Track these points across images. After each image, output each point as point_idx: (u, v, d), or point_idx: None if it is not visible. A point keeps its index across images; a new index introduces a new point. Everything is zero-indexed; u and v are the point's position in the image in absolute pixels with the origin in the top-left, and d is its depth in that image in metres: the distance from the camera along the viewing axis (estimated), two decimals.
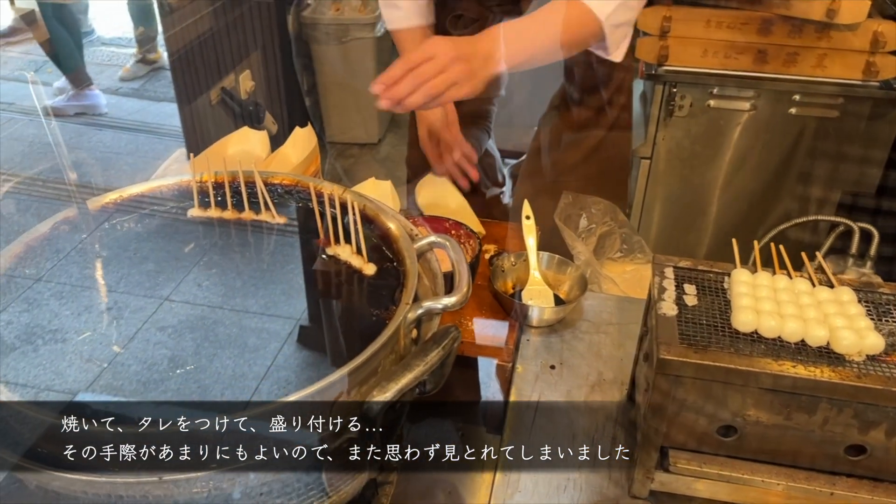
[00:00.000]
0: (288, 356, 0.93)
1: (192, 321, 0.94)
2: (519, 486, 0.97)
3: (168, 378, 0.86)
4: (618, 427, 1.04)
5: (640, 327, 1.02)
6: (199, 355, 0.91)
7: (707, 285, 0.93)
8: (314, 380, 0.87)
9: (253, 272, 1.03)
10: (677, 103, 2.11)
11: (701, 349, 0.82)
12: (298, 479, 0.74)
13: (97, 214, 0.98)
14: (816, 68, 2.00)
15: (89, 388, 0.84)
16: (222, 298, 0.99)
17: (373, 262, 0.93)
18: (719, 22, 1.99)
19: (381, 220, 0.96)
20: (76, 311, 0.91)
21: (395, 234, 0.93)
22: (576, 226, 1.37)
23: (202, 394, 0.86)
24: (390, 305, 0.86)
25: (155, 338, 0.91)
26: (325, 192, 0.99)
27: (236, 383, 0.86)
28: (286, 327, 0.98)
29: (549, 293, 1.24)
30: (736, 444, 0.86)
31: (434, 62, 1.10)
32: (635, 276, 1.40)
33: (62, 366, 0.84)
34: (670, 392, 0.84)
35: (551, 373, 1.13)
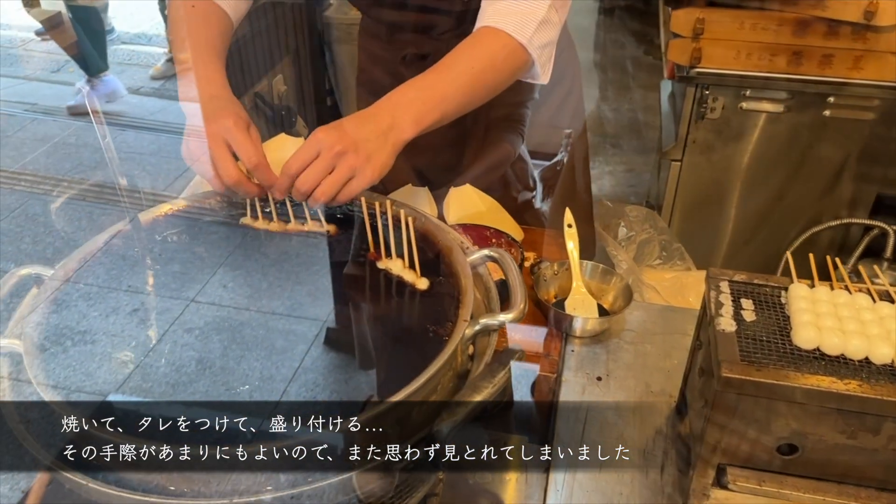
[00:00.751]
0: (315, 358, 0.93)
1: (218, 322, 0.95)
2: (572, 500, 0.96)
3: (196, 380, 0.86)
4: (668, 440, 1.03)
5: (692, 340, 1.01)
6: (227, 357, 0.91)
7: (764, 300, 0.92)
8: (342, 382, 0.87)
9: (278, 274, 1.03)
10: (709, 105, 2.09)
11: (763, 367, 0.81)
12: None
13: (149, 228, 0.98)
14: (852, 70, 1.98)
15: (119, 390, 0.84)
16: (248, 300, 1.00)
17: (425, 276, 0.93)
18: (754, 24, 1.97)
19: (434, 234, 0.95)
20: (104, 312, 0.92)
21: (448, 249, 0.92)
22: (615, 234, 1.36)
23: (230, 396, 0.86)
24: (446, 322, 0.85)
25: (182, 339, 0.92)
26: (375, 205, 0.99)
27: (264, 385, 0.87)
28: (313, 329, 0.98)
29: (592, 303, 1.24)
30: (797, 462, 0.85)
31: (319, 161, 0.98)
32: (676, 283, 1.39)
33: (91, 367, 0.85)
34: (731, 410, 0.83)
35: (598, 384, 1.12)
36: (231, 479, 0.72)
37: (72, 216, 3.24)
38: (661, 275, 1.40)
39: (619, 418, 1.07)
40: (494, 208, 1.44)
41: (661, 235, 1.40)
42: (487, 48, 1.13)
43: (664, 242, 1.41)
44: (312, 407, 0.81)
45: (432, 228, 0.96)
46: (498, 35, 1.13)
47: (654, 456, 1.01)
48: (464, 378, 0.83)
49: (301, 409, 0.81)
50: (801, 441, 0.84)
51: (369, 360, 0.93)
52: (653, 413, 1.08)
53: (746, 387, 0.81)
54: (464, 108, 1.14)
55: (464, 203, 1.45)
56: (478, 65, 1.11)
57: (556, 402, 1.09)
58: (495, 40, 1.13)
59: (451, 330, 0.83)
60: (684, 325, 1.23)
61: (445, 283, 0.91)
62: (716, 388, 0.82)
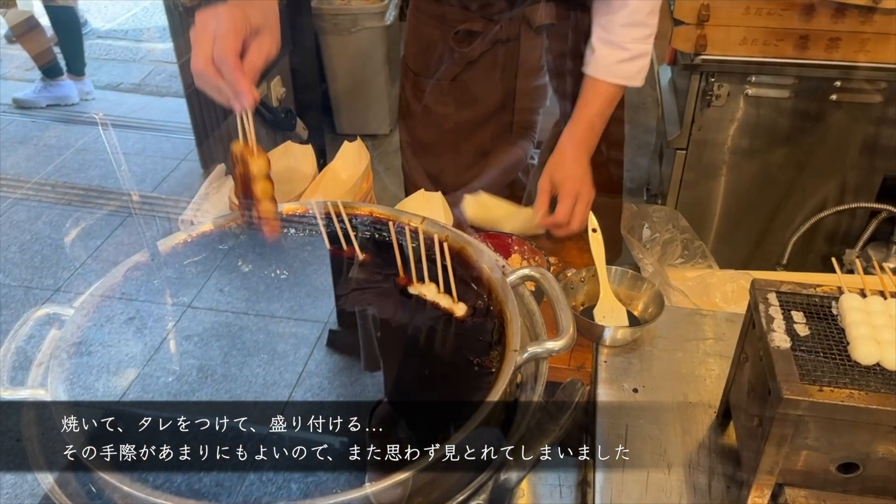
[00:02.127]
0: (319, 361, 0.89)
1: (217, 328, 0.91)
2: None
3: (198, 389, 0.83)
4: (712, 454, 1.01)
5: (737, 351, 0.98)
6: (228, 364, 0.88)
7: (814, 311, 0.89)
8: (347, 385, 0.85)
9: (275, 275, 1.00)
10: (714, 93, 2.06)
11: (825, 386, 0.78)
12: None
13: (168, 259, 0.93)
14: (859, 53, 1.95)
15: (119, 403, 0.80)
16: (246, 304, 0.97)
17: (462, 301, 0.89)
18: (759, 8, 1.93)
19: (469, 254, 0.91)
20: (99, 322, 0.88)
21: (487, 271, 0.88)
22: (639, 236, 1.33)
23: (234, 404, 0.83)
24: (490, 351, 0.82)
25: (181, 347, 0.88)
26: (405, 226, 0.94)
27: (268, 392, 0.84)
28: (314, 331, 0.95)
29: (622, 311, 1.20)
30: (857, 480, 0.82)
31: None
32: (700, 284, 1.36)
33: (89, 380, 0.81)
34: (790, 430, 0.80)
35: (635, 396, 1.09)
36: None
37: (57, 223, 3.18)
38: (683, 273, 1.37)
39: (661, 432, 1.04)
40: (513, 213, 1.40)
41: (684, 234, 1.37)
42: (610, 100, 1.40)
43: (686, 241, 1.38)
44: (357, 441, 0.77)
45: (466, 247, 0.92)
46: (621, 88, 1.40)
47: (700, 471, 0.98)
48: (512, 409, 0.80)
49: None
50: (861, 459, 0.81)
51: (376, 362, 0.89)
52: (694, 424, 1.05)
53: (808, 408, 0.78)
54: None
55: (481, 209, 1.41)
56: (611, 97, 1.40)
57: (594, 417, 1.06)
58: (615, 93, 1.40)
59: (497, 361, 0.79)
60: (715, 330, 1.20)
61: (485, 308, 0.87)
62: (775, 410, 0.79)
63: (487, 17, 1.44)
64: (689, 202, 2.26)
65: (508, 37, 1.45)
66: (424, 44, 1.54)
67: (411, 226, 0.94)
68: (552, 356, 0.80)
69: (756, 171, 2.19)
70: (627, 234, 1.28)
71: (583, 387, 0.71)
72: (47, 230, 3.10)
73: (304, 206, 1.02)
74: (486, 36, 1.45)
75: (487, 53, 1.47)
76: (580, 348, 1.19)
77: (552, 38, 1.46)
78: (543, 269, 0.88)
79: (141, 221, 1.03)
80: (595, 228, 1.24)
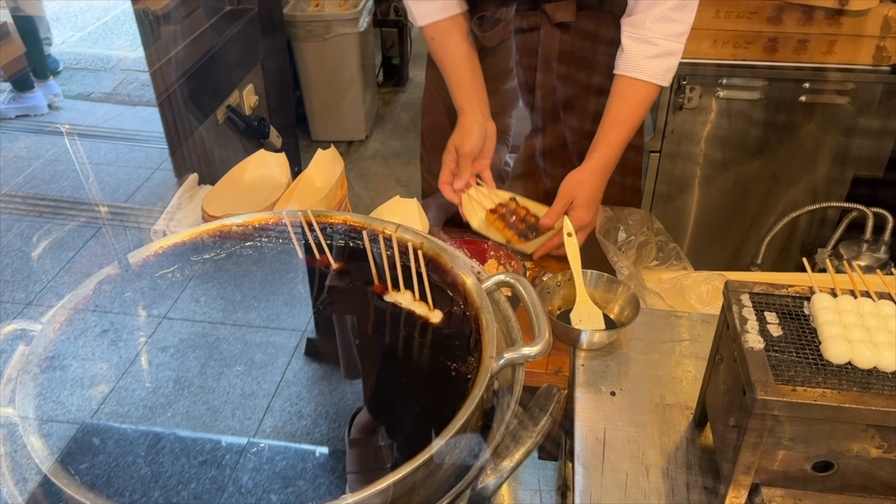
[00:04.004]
0: (297, 370, 0.89)
1: (193, 339, 0.91)
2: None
3: (175, 401, 0.82)
4: (690, 454, 1.01)
5: (711, 353, 0.98)
6: (205, 375, 0.87)
7: (787, 311, 0.90)
8: (326, 394, 0.84)
9: (251, 285, 0.99)
10: (686, 95, 2.08)
11: (798, 386, 0.79)
12: None
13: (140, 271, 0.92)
14: (827, 55, 1.98)
15: (94, 417, 0.79)
16: (223, 313, 0.96)
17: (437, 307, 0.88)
18: (728, 12, 1.96)
19: (444, 261, 0.91)
20: (72, 335, 0.86)
21: (462, 278, 0.88)
22: (615, 239, 1.33)
23: (212, 415, 0.82)
24: (466, 358, 0.81)
25: (157, 359, 0.87)
26: (379, 233, 0.94)
27: (247, 402, 0.84)
28: (292, 340, 0.94)
29: (598, 314, 1.21)
30: (833, 479, 0.83)
31: (584, 232, 1.39)
32: (676, 285, 1.37)
33: (63, 394, 0.80)
34: (765, 430, 0.81)
35: (613, 400, 1.10)
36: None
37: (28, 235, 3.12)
38: (659, 276, 1.38)
39: (639, 434, 1.04)
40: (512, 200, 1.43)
41: (658, 237, 1.38)
42: (641, 99, 1.41)
43: (661, 243, 1.38)
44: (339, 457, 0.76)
45: (441, 254, 0.92)
46: (650, 88, 1.40)
47: (679, 472, 0.99)
48: (489, 416, 0.79)
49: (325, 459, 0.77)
50: (836, 458, 0.82)
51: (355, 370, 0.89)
52: (671, 426, 1.05)
53: (782, 408, 0.78)
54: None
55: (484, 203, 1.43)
56: (640, 96, 1.41)
57: (573, 421, 1.06)
58: (646, 92, 1.40)
59: (474, 368, 0.79)
60: (691, 331, 1.21)
61: (461, 314, 0.87)
62: (750, 410, 0.80)
63: (508, 5, 1.46)
64: (663, 205, 2.28)
65: (529, 28, 1.48)
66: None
67: (385, 233, 0.94)
68: (529, 361, 0.80)
69: (729, 173, 2.22)
70: (602, 237, 1.28)
71: (559, 392, 0.71)
72: (17, 243, 3.05)
73: (277, 215, 1.01)
74: (507, 24, 1.47)
75: (507, 42, 1.50)
76: (557, 352, 1.19)
77: (570, 36, 1.47)
78: (519, 275, 0.88)
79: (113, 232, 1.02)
80: (570, 233, 1.25)
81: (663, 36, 1.34)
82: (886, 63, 1.95)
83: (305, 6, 3.80)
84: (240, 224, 0.99)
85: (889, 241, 2.11)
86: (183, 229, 0.99)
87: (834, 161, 2.16)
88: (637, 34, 1.36)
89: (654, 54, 1.36)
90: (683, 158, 2.20)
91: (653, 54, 1.36)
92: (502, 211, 1.42)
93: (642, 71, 1.37)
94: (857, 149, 2.12)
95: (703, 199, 2.27)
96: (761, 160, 2.18)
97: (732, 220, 2.28)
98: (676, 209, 2.27)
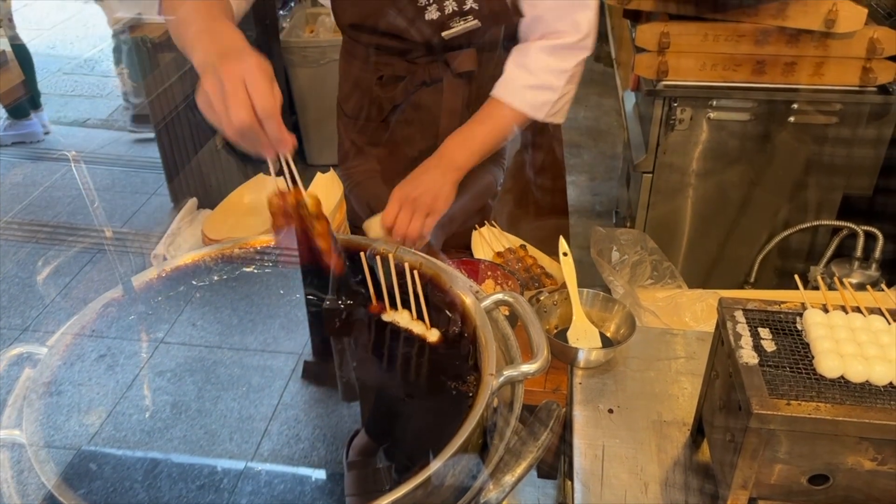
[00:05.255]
0: (294, 393, 0.90)
1: (190, 363, 0.91)
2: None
3: (172, 425, 0.83)
4: (688, 472, 1.02)
5: (707, 369, 1.00)
6: (203, 399, 0.88)
7: (780, 327, 0.91)
8: (323, 416, 0.85)
9: (248, 308, 1.00)
10: (678, 117, 2.11)
11: (792, 400, 0.80)
12: None
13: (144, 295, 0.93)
14: (814, 76, 2.01)
15: (91, 442, 0.80)
16: (220, 337, 0.97)
17: (435, 326, 0.90)
18: (717, 35, 1.99)
19: (442, 281, 0.92)
20: (69, 360, 0.87)
21: (461, 297, 0.89)
22: (608, 259, 1.35)
23: (210, 439, 0.83)
24: (466, 376, 0.82)
25: (154, 383, 0.88)
26: (377, 253, 0.95)
27: (244, 425, 0.84)
28: (289, 363, 0.95)
29: (594, 332, 1.22)
30: (828, 491, 0.84)
31: (403, 213, 1.29)
32: (670, 304, 1.39)
33: (60, 419, 0.80)
34: (761, 444, 0.82)
35: (611, 417, 1.11)
36: None
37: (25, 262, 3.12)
38: (654, 294, 1.40)
39: (636, 451, 1.05)
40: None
41: (652, 256, 1.39)
42: (506, 124, 1.37)
43: (655, 262, 1.40)
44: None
45: (440, 274, 0.93)
46: (518, 116, 1.37)
47: (676, 488, 1.00)
48: (489, 433, 0.80)
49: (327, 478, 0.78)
50: (831, 471, 0.83)
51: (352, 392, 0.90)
52: (669, 442, 1.07)
53: (777, 422, 0.80)
54: (495, 150, 1.40)
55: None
56: (506, 121, 1.37)
57: (571, 438, 1.07)
58: (513, 119, 1.37)
59: (473, 386, 0.80)
60: (686, 349, 1.23)
61: (460, 333, 0.88)
62: (746, 425, 0.81)
63: (410, 61, 1.43)
64: (657, 224, 2.30)
65: (432, 80, 1.44)
66: (353, 86, 1.53)
67: (384, 254, 0.95)
68: (528, 379, 0.81)
69: (721, 192, 2.25)
70: (597, 256, 1.30)
71: (558, 408, 0.72)
72: (15, 269, 3.05)
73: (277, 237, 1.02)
74: (409, 80, 1.44)
75: (412, 97, 1.46)
76: (555, 371, 1.20)
77: (475, 83, 1.44)
78: (516, 294, 0.89)
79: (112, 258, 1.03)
80: (566, 252, 1.26)
81: (545, 68, 1.34)
82: (873, 84, 1.99)
83: (301, 32, 3.85)
84: (241, 247, 1.01)
85: (880, 259, 2.14)
86: (184, 253, 1.00)
87: (824, 180, 2.18)
88: (520, 60, 1.36)
89: (530, 84, 1.35)
90: (676, 178, 2.22)
91: (529, 84, 1.35)
92: (509, 257, 1.43)
93: (516, 97, 1.36)
94: (846, 168, 2.15)
95: (695, 218, 2.29)
96: (752, 180, 2.21)
97: (725, 238, 2.31)
98: (670, 227, 2.30)
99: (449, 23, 1.33)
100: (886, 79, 1.98)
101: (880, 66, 1.97)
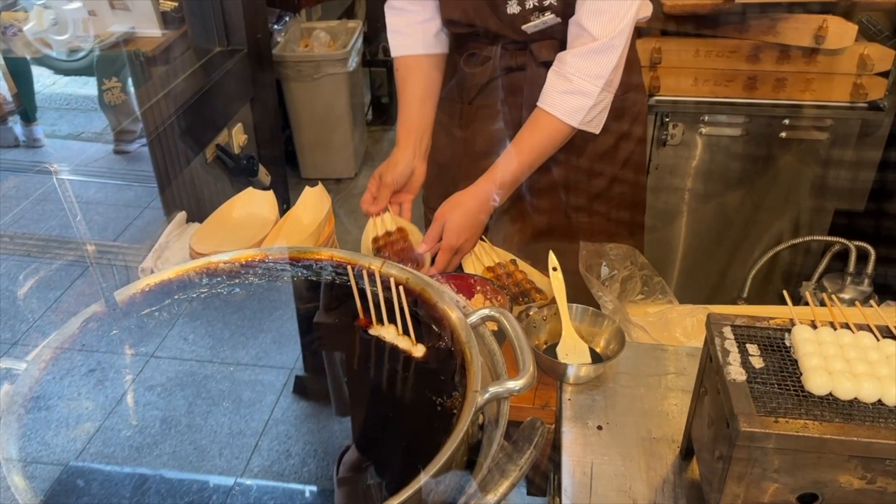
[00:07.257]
0: (285, 408, 0.89)
1: (181, 378, 0.90)
2: None
3: (161, 441, 0.82)
4: (677, 490, 1.01)
5: (696, 385, 0.99)
6: (193, 414, 0.87)
7: (768, 344, 0.91)
8: (314, 432, 0.84)
9: (240, 323, 0.99)
10: (670, 132, 2.12)
11: (780, 417, 0.80)
12: None
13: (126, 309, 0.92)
14: (805, 92, 2.02)
15: (79, 458, 0.79)
16: (211, 351, 0.96)
17: (421, 342, 0.89)
18: (708, 51, 2.01)
19: (429, 296, 0.92)
20: (57, 375, 0.86)
21: (448, 312, 0.89)
22: (598, 274, 1.35)
23: (199, 455, 0.82)
24: (451, 392, 0.82)
25: (144, 398, 0.87)
26: (363, 268, 0.95)
27: (234, 441, 0.83)
28: (280, 378, 0.94)
29: (584, 348, 1.21)
30: None
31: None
32: (661, 319, 1.38)
33: (47, 435, 0.79)
34: (749, 462, 0.81)
35: (600, 434, 1.10)
36: None
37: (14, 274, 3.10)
38: (644, 309, 1.39)
39: (626, 468, 1.04)
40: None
41: (642, 271, 1.39)
42: (548, 133, 1.42)
43: (645, 277, 1.40)
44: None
45: (427, 289, 0.93)
46: (556, 123, 1.41)
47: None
48: (475, 450, 0.80)
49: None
50: (821, 489, 0.82)
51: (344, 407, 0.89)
52: (658, 460, 1.06)
53: (765, 440, 0.79)
54: (543, 159, 1.47)
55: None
56: (540, 146, 1.43)
57: (560, 455, 1.06)
58: (554, 126, 1.41)
59: (459, 402, 0.79)
60: (676, 364, 1.22)
61: (445, 349, 0.87)
62: (734, 442, 0.80)
63: (495, 44, 1.51)
64: (649, 240, 2.29)
65: (516, 66, 1.52)
66: (448, 71, 1.62)
67: (370, 269, 0.95)
68: (515, 395, 0.80)
69: (713, 208, 2.25)
70: (586, 272, 1.30)
71: (542, 426, 0.72)
72: (3, 282, 3.03)
73: (264, 252, 1.02)
74: (494, 63, 1.52)
75: (496, 80, 1.54)
76: (544, 387, 1.19)
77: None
78: (504, 309, 0.89)
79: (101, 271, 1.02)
80: (555, 267, 1.26)
81: (578, 73, 1.37)
82: (863, 100, 2.00)
83: (295, 47, 3.86)
84: (226, 261, 1.00)
85: (872, 274, 2.13)
86: (171, 267, 1.00)
87: (815, 195, 2.19)
88: (559, 68, 1.40)
89: (566, 90, 1.38)
90: (668, 193, 2.23)
91: (565, 89, 1.39)
92: (499, 272, 1.43)
93: (552, 104, 1.40)
94: (837, 183, 2.16)
95: (688, 233, 2.29)
96: (745, 194, 2.22)
97: (718, 253, 2.31)
98: (662, 243, 2.30)
99: (529, 17, 1.42)
100: (877, 95, 1.99)
101: (871, 83, 1.98)
